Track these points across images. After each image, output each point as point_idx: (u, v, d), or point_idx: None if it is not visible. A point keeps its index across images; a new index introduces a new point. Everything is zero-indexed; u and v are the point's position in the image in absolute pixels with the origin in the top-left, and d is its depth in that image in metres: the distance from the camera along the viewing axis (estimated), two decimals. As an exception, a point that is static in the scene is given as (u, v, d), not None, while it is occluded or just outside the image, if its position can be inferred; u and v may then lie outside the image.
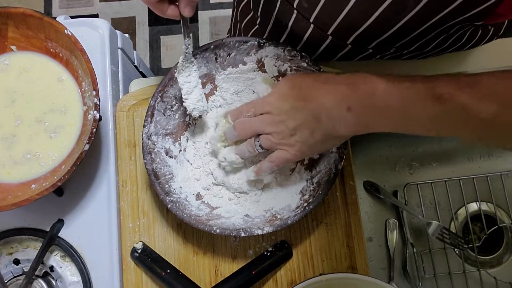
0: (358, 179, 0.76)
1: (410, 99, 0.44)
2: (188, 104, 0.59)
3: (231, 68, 0.63)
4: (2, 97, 0.61)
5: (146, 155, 0.58)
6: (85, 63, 0.57)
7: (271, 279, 0.62)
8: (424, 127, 0.45)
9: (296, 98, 0.51)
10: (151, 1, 0.50)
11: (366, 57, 0.64)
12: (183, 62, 0.57)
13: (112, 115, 0.67)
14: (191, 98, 0.59)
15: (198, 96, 0.59)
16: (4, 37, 0.61)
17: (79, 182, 0.64)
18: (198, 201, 0.62)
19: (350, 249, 0.63)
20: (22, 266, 0.62)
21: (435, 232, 0.71)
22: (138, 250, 0.61)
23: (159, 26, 1.67)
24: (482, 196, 0.75)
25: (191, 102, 0.59)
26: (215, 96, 0.66)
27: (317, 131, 0.50)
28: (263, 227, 0.56)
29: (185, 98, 0.59)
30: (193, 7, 0.52)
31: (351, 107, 0.47)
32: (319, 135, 0.50)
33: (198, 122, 0.65)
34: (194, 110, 0.59)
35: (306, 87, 0.50)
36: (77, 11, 1.69)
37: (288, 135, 0.51)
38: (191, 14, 0.52)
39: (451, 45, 0.64)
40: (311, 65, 0.60)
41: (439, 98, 0.42)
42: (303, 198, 0.60)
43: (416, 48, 0.62)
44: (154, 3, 0.50)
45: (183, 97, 0.59)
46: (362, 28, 0.54)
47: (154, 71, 1.63)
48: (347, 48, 0.60)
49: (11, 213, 0.60)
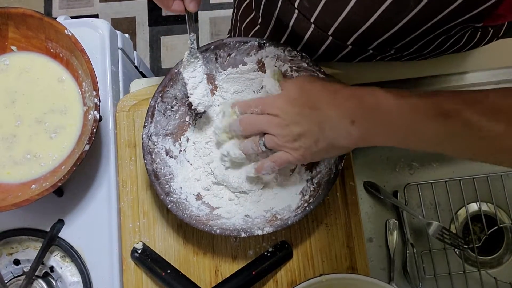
0: (358, 180, 0.76)
1: (416, 115, 0.44)
2: (194, 99, 0.59)
3: (231, 69, 0.63)
4: (2, 97, 0.61)
5: (146, 156, 0.58)
6: (86, 63, 0.57)
7: (271, 279, 0.62)
8: (430, 144, 0.45)
9: (303, 104, 0.51)
10: None
11: (366, 58, 0.64)
12: (188, 57, 0.58)
13: (112, 115, 0.67)
14: (196, 93, 0.59)
15: (203, 91, 0.60)
16: (4, 37, 0.61)
17: (79, 183, 0.64)
18: (198, 202, 0.61)
19: (350, 249, 0.63)
20: (22, 267, 0.62)
21: (435, 233, 0.71)
22: (138, 250, 0.61)
23: (159, 27, 1.67)
24: (482, 196, 0.75)
25: (196, 97, 0.59)
26: (215, 96, 0.66)
27: (321, 140, 0.51)
28: (263, 228, 0.56)
29: (190, 93, 0.59)
30: (198, 2, 0.52)
31: (356, 121, 0.47)
32: (322, 144, 0.51)
33: (203, 116, 0.65)
34: (200, 105, 0.60)
35: (315, 95, 0.51)
36: (77, 12, 1.69)
37: (292, 139, 0.52)
38: (196, 8, 0.52)
39: (451, 47, 0.64)
40: (311, 65, 0.60)
41: (446, 114, 0.41)
42: (304, 199, 0.60)
43: (416, 50, 0.62)
44: None
45: (188, 92, 0.59)
46: (363, 28, 0.54)
47: (154, 71, 1.63)
48: (347, 49, 0.61)
49: (11, 213, 0.60)
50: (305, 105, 0.51)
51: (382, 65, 0.69)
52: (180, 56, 0.59)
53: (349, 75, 0.69)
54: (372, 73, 0.70)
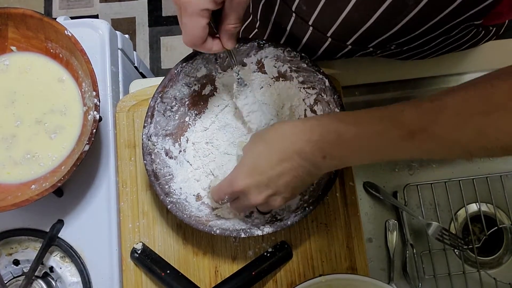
0: (358, 180, 0.76)
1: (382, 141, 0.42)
2: (251, 124, 0.62)
3: (231, 69, 0.63)
4: (2, 98, 0.61)
5: (146, 156, 0.58)
6: (85, 63, 0.57)
7: (271, 280, 0.62)
8: (406, 157, 0.44)
9: (262, 172, 0.49)
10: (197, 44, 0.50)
11: (367, 54, 0.64)
12: (238, 88, 0.60)
13: (112, 115, 0.67)
14: (252, 117, 0.62)
15: (260, 114, 0.62)
16: (4, 37, 0.61)
17: (79, 183, 0.64)
18: (198, 202, 0.62)
19: (350, 250, 0.63)
20: (22, 267, 0.62)
21: (435, 233, 0.71)
22: (138, 250, 0.61)
23: (159, 27, 1.67)
24: (482, 197, 0.75)
25: (253, 122, 0.62)
26: (215, 97, 0.66)
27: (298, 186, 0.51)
28: (263, 228, 0.56)
29: (247, 119, 0.62)
30: (235, 40, 0.53)
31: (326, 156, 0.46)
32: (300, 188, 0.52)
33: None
34: (258, 129, 0.62)
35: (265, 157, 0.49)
36: (77, 12, 1.69)
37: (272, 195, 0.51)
38: (234, 45, 0.53)
39: (452, 43, 0.64)
40: (311, 66, 0.60)
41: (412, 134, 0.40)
42: (303, 199, 0.60)
43: (417, 46, 0.62)
44: (200, 45, 0.51)
45: (245, 119, 0.62)
46: (362, 29, 0.54)
47: (154, 71, 1.63)
48: (347, 49, 0.61)
49: (11, 213, 0.60)
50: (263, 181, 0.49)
51: (382, 65, 0.69)
52: (180, 56, 0.59)
53: (349, 75, 0.69)
54: (372, 73, 0.71)
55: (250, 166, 0.50)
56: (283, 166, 0.48)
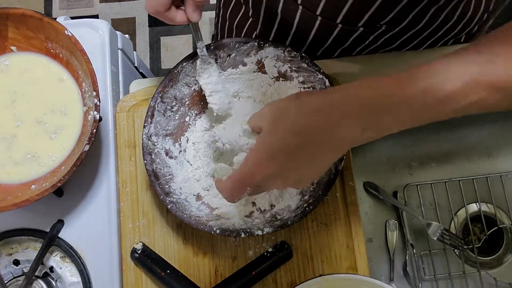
0: (358, 180, 0.76)
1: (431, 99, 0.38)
2: (213, 104, 0.60)
3: (231, 69, 0.63)
4: (2, 98, 0.61)
5: (146, 156, 0.58)
6: (85, 63, 0.57)
7: (271, 280, 0.62)
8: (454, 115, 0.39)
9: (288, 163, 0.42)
10: (159, 11, 0.49)
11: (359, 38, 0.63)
12: (201, 65, 0.58)
13: (112, 115, 0.67)
14: (215, 98, 0.60)
15: (222, 95, 0.60)
16: (4, 37, 0.61)
17: (79, 183, 0.64)
18: (198, 202, 0.62)
19: (350, 250, 0.63)
20: (22, 267, 0.62)
21: (435, 233, 0.71)
22: (138, 250, 0.61)
23: (159, 27, 1.68)
24: (482, 197, 0.75)
25: (215, 102, 0.60)
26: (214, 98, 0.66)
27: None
28: (263, 228, 0.56)
29: (209, 100, 0.60)
30: (200, 12, 0.51)
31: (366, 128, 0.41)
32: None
33: None
34: (220, 110, 0.60)
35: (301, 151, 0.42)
36: (77, 12, 1.69)
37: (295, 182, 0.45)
38: (199, 18, 0.52)
39: (444, 23, 0.62)
40: (311, 65, 0.60)
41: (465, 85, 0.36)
42: (303, 199, 0.60)
43: (408, 25, 0.61)
44: (162, 12, 0.50)
45: (207, 98, 0.60)
46: (349, 3, 0.53)
47: (154, 71, 1.63)
48: (338, 28, 0.59)
49: (11, 213, 0.60)
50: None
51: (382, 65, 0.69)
52: (180, 56, 0.59)
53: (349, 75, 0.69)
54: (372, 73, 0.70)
55: (274, 148, 0.42)
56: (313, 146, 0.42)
